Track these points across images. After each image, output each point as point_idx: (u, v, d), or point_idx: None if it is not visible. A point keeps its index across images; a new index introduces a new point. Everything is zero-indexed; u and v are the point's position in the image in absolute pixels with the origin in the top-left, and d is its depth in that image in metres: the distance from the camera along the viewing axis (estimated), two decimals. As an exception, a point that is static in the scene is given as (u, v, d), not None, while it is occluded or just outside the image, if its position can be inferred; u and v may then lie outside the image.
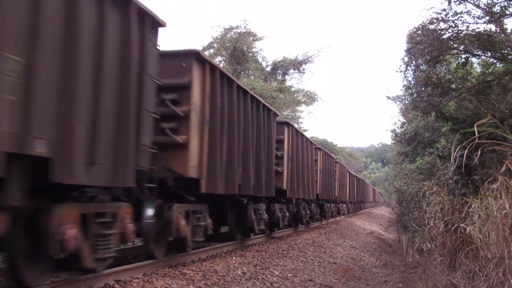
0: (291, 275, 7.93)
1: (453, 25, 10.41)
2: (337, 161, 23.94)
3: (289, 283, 7.34)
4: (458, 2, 10.39)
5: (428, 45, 10.53)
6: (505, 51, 10.62)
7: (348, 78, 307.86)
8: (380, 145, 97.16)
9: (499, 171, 6.35)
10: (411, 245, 10.14)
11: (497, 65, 11.77)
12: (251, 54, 29.40)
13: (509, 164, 6.00)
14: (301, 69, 31.84)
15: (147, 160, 5.68)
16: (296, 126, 23.45)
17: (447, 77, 12.15)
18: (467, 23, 10.39)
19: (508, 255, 5.39)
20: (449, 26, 10.43)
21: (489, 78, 11.09)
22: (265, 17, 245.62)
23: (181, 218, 6.73)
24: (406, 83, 14.22)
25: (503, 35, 10.55)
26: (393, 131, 27.84)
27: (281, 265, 8.49)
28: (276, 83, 28.51)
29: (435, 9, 10.69)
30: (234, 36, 27.89)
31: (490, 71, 11.65)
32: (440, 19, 10.45)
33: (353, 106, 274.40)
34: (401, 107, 26.33)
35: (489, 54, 10.98)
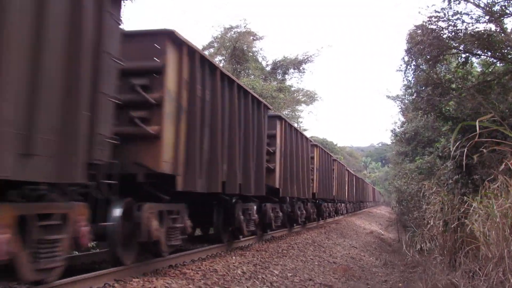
0: (291, 274, 7.93)
1: (453, 24, 10.43)
2: (335, 159, 23.33)
3: (289, 283, 7.34)
4: (458, 1, 10.40)
5: (428, 44, 10.53)
6: (505, 51, 10.62)
7: (348, 77, 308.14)
8: (380, 145, 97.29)
9: (499, 170, 6.34)
10: (411, 245, 10.14)
11: (497, 65, 11.78)
12: (251, 53, 29.42)
13: (509, 163, 6.00)
14: (301, 68, 31.92)
15: (106, 152, 4.89)
16: (296, 125, 23.45)
17: (447, 77, 12.15)
18: (467, 22, 10.40)
19: (508, 255, 5.39)
20: (449, 25, 10.44)
21: (489, 77, 11.09)
22: (263, 16, 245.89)
23: (153, 219, 5.99)
24: (406, 83, 14.23)
25: (503, 34, 10.55)
26: (393, 131, 27.89)
27: (281, 265, 8.49)
28: (276, 83, 28.52)
29: (435, 7, 10.65)
30: (234, 35, 27.92)
31: (490, 70, 11.66)
32: (439, 17, 10.46)
33: (353, 105, 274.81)
34: (401, 106, 26.38)
35: (489, 53, 10.98)
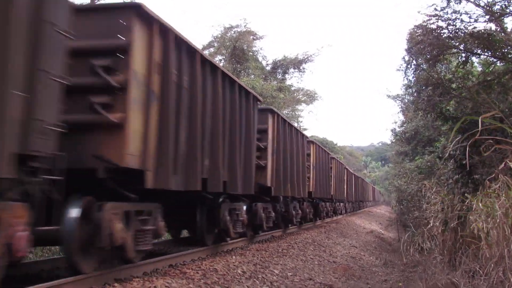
0: (291, 274, 7.93)
1: (452, 24, 10.43)
2: (332, 157, 22.58)
3: (289, 282, 7.34)
4: (458, 1, 10.40)
5: (427, 44, 10.54)
6: (505, 50, 10.62)
7: (348, 77, 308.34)
8: (380, 144, 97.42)
9: (500, 169, 6.34)
10: (411, 244, 10.13)
11: (497, 64, 11.78)
12: (251, 53, 29.41)
13: (510, 162, 5.99)
14: (301, 68, 31.92)
15: (50, 142, 4.17)
16: (296, 125, 23.40)
17: (448, 77, 12.15)
18: (466, 22, 10.41)
19: (508, 254, 5.38)
20: (448, 24, 10.44)
21: (489, 77, 11.10)
22: (263, 16, 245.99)
23: (116, 220, 5.21)
24: (406, 82, 14.23)
25: (503, 34, 10.54)
26: (393, 130, 27.91)
27: (281, 264, 8.49)
28: (276, 82, 28.53)
29: (434, 7, 10.65)
30: (234, 35, 27.91)
31: (490, 70, 11.66)
32: (439, 16, 10.46)
33: (353, 105, 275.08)
34: (401, 106, 26.40)
35: (489, 53, 10.98)
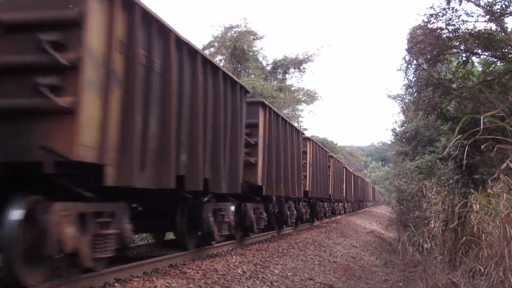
0: (291, 274, 7.93)
1: (452, 24, 10.44)
2: (331, 155, 21.71)
3: (289, 282, 7.34)
4: (459, 1, 10.41)
5: (428, 44, 10.54)
6: (505, 50, 10.63)
7: (348, 77, 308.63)
8: (380, 144, 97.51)
9: (501, 169, 6.34)
10: (411, 244, 10.14)
11: (498, 64, 11.78)
12: (251, 53, 29.42)
13: (510, 162, 5.99)
14: (302, 68, 31.92)
15: None
16: (296, 124, 23.34)
17: (448, 77, 12.16)
18: (464, 21, 10.41)
19: (508, 254, 5.39)
20: (448, 24, 10.45)
21: (489, 77, 11.10)
22: (263, 16, 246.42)
23: (67, 224, 4.42)
24: (407, 82, 14.24)
25: (503, 34, 10.55)
26: (393, 130, 27.96)
27: (281, 264, 8.49)
28: (276, 82, 28.53)
29: (434, 7, 10.66)
30: (234, 35, 27.92)
31: (490, 70, 11.67)
32: (438, 15, 10.47)
33: (353, 105, 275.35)
34: (401, 106, 26.44)
35: (489, 53, 10.98)
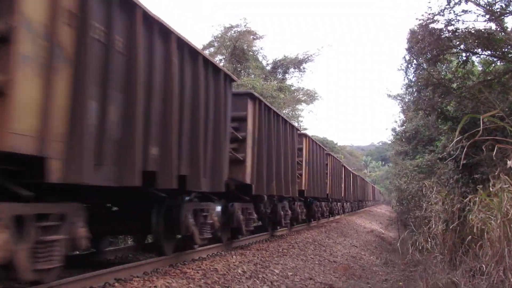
0: (291, 273, 7.94)
1: (452, 24, 10.43)
2: (328, 153, 20.78)
3: (290, 282, 7.34)
4: (459, 1, 10.40)
5: (428, 44, 10.54)
6: (505, 50, 10.62)
7: (348, 76, 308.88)
8: (380, 144, 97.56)
9: (502, 169, 6.35)
10: (411, 244, 10.15)
11: (497, 64, 11.78)
12: (251, 52, 29.43)
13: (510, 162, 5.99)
14: (302, 68, 31.93)
15: None
16: (296, 124, 23.24)
17: (448, 76, 12.16)
18: (466, 21, 10.43)
19: (508, 254, 5.39)
20: (448, 24, 10.44)
21: (489, 76, 11.10)
22: (263, 16, 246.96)
23: None
24: (407, 82, 14.23)
25: (503, 33, 10.55)
26: (394, 130, 27.98)
27: (282, 264, 8.49)
28: (276, 82, 28.53)
29: (434, 7, 10.69)
30: (234, 34, 27.92)
31: (490, 69, 11.67)
32: (438, 13, 10.48)
33: (353, 104, 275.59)
34: (401, 105, 26.46)
35: (489, 52, 10.98)
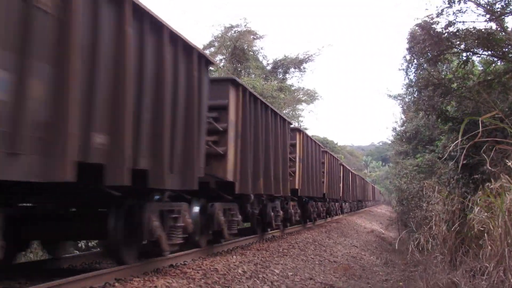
0: (291, 273, 7.94)
1: (453, 24, 10.43)
2: (325, 150, 19.71)
3: (290, 282, 7.34)
4: (458, 1, 10.40)
5: (428, 43, 10.54)
6: (506, 49, 10.62)
7: (348, 76, 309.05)
8: (380, 144, 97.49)
9: (502, 169, 6.34)
10: (411, 244, 10.14)
11: (498, 64, 11.78)
12: (251, 52, 29.43)
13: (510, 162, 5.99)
14: (302, 67, 31.93)
15: None
16: (296, 124, 23.13)
17: (449, 76, 12.16)
18: (466, 21, 10.42)
19: (509, 254, 5.39)
20: (449, 25, 10.44)
21: (489, 76, 11.10)
22: (264, 16, 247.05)
23: None
24: (407, 81, 14.23)
25: (503, 33, 10.55)
26: (394, 129, 27.99)
27: (282, 264, 8.49)
28: (276, 82, 28.54)
29: (434, 7, 10.70)
30: (234, 34, 27.92)
31: (490, 69, 11.67)
32: (438, 15, 10.48)
33: (354, 104, 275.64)
34: (402, 105, 26.46)
35: (490, 52, 10.98)
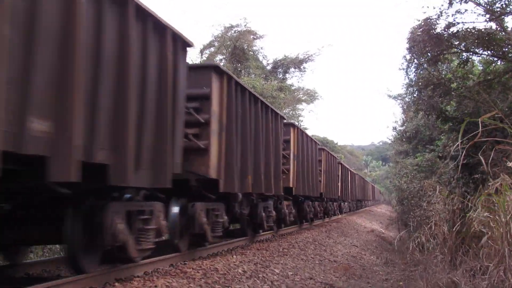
0: (291, 273, 7.94)
1: (454, 24, 10.44)
2: (322, 148, 18.87)
3: (290, 281, 7.34)
4: (459, 1, 10.41)
5: (428, 44, 10.54)
6: (506, 49, 10.62)
7: (348, 76, 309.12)
8: (380, 143, 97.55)
9: (502, 169, 6.35)
10: (412, 243, 10.14)
11: (498, 64, 11.78)
12: (251, 52, 29.43)
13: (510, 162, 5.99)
14: (302, 67, 31.93)
15: None
16: (297, 124, 23.06)
17: (448, 76, 12.16)
18: (466, 22, 10.43)
19: (509, 254, 5.39)
20: (449, 24, 10.44)
21: (489, 76, 11.11)
22: (264, 16, 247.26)
23: None
24: (408, 81, 14.24)
25: (503, 33, 10.55)
26: (394, 129, 28.00)
27: (282, 264, 8.49)
28: (276, 82, 28.55)
29: (434, 7, 10.71)
30: (234, 34, 27.92)
31: (490, 69, 11.67)
32: (439, 14, 10.49)
33: (354, 104, 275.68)
34: (402, 105, 26.47)
35: (490, 52, 10.98)
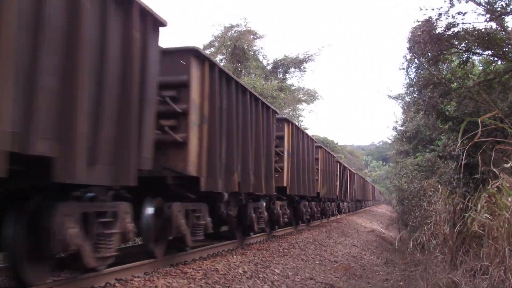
0: (292, 273, 7.94)
1: (453, 24, 10.43)
2: (319, 146, 18.07)
3: (290, 282, 7.34)
4: (459, 1, 10.40)
5: (428, 43, 10.54)
6: (506, 49, 10.62)
7: (348, 76, 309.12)
8: (381, 143, 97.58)
9: (502, 169, 6.35)
10: (412, 244, 10.13)
11: (498, 63, 11.78)
12: (251, 52, 29.43)
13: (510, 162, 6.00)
14: (302, 67, 31.91)
15: None
16: (296, 123, 22.99)
17: (448, 76, 12.16)
18: (466, 22, 10.42)
19: (509, 254, 5.39)
20: (450, 24, 10.44)
21: (489, 76, 11.11)
22: (264, 16, 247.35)
23: None
24: (408, 81, 14.24)
25: (503, 33, 10.55)
26: (395, 128, 28.01)
27: (282, 264, 8.49)
28: (277, 82, 28.54)
29: (434, 7, 10.70)
30: (234, 34, 27.92)
31: (490, 69, 11.67)
32: (440, 14, 10.48)
33: (354, 104, 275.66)
34: (402, 105, 26.47)
35: (490, 52, 10.98)
